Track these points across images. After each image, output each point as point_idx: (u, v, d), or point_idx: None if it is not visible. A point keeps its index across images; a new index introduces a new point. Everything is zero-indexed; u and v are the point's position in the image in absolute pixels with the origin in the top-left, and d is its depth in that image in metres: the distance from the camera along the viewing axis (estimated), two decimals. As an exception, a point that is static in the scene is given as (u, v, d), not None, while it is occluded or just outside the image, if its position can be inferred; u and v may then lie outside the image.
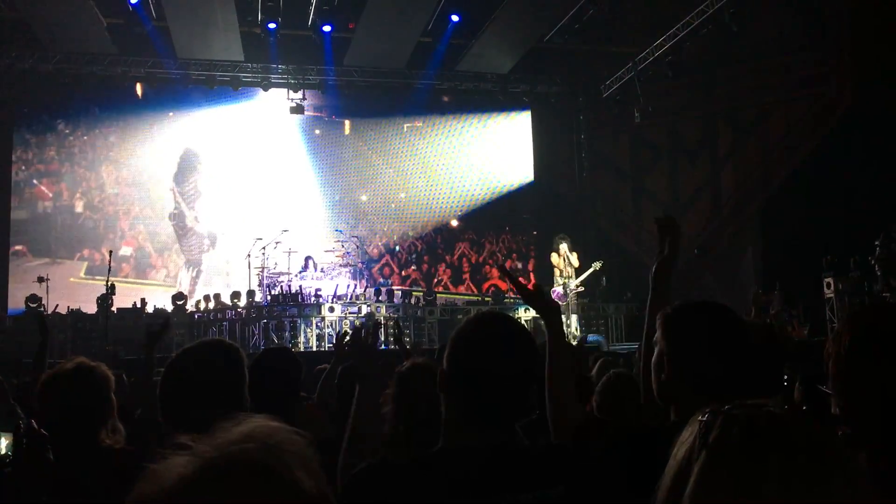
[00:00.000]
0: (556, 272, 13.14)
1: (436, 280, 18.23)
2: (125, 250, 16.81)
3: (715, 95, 16.18)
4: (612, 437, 1.94)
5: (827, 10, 14.19)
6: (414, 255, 18.44)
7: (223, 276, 16.81)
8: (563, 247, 13.24)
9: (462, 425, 1.68)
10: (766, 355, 2.32)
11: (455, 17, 15.44)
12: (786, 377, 2.97)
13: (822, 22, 14.28)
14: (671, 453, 0.98)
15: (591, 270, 13.59)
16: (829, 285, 11.86)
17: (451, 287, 18.33)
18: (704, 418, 0.95)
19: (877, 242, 11.58)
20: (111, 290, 13.00)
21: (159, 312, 14.08)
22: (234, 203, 17.22)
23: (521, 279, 2.53)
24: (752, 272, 15.51)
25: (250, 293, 14.42)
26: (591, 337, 13.27)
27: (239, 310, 14.01)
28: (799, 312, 12.59)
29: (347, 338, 5.00)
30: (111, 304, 13.19)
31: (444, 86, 17.68)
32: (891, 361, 1.18)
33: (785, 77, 15.07)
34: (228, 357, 2.21)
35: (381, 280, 17.42)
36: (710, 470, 0.90)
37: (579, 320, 13.21)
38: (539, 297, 2.31)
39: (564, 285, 12.94)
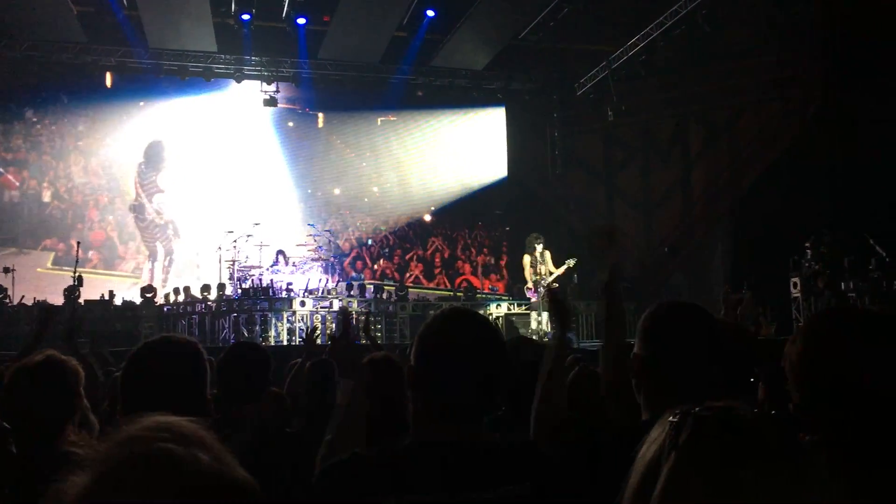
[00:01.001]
0: (529, 272, 13.16)
1: (408, 274, 18.22)
2: (93, 241, 16.59)
3: (687, 96, 16.31)
4: (580, 435, 1.95)
5: (798, 13, 14.36)
6: (386, 250, 18.42)
7: (193, 269, 16.66)
8: (538, 246, 13.28)
9: (430, 421, 1.69)
10: (738, 355, 2.35)
11: (430, 13, 15.41)
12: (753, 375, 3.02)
13: (793, 25, 14.46)
14: (638, 452, 0.99)
15: (564, 267, 13.67)
16: (795, 285, 12.06)
17: (423, 282, 18.33)
18: (674, 419, 0.95)
19: (807, 244, 11.88)
20: (78, 281, 12.83)
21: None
22: (206, 195, 17.06)
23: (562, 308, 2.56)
24: (722, 271, 15.69)
25: (221, 286, 14.30)
26: (561, 334, 13.31)
27: (209, 303, 13.90)
28: (766, 311, 12.79)
29: (317, 332, 5.01)
30: (78, 296, 13.01)
31: (418, 81, 17.63)
32: (845, 366, 1.20)
33: (756, 79, 15.23)
34: (188, 353, 2.20)
35: (353, 274, 17.38)
36: (680, 471, 0.89)
37: (550, 317, 13.24)
38: (565, 309, 2.39)
39: (536, 283, 12.97)
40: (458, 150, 18.84)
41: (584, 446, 1.90)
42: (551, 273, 13.16)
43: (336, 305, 13.59)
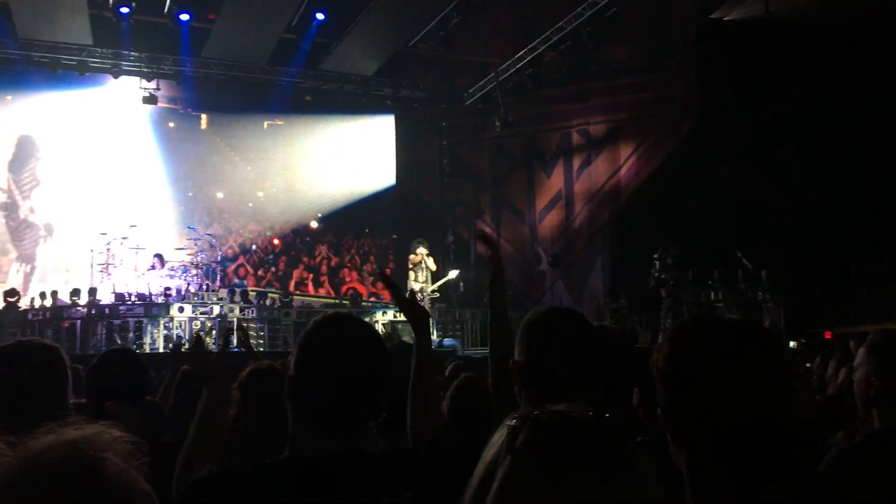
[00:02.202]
0: (412, 275, 13.26)
1: (293, 282, 17.91)
2: (-50, 242, 15.48)
3: (571, 110, 16.82)
4: (462, 443, 1.95)
5: (674, 36, 15.09)
6: (271, 256, 18.04)
7: (62, 273, 15.77)
8: (421, 250, 13.38)
9: (309, 432, 1.63)
10: (616, 361, 2.40)
11: (320, 16, 15.24)
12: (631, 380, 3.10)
13: (670, 47, 15.18)
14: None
15: (446, 279, 13.84)
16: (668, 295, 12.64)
17: (309, 289, 18.06)
18: (512, 423, 0.96)
19: (655, 255, 12.61)
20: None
21: None
22: (78, 195, 16.18)
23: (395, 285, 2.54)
24: (602, 281, 16.23)
25: (92, 291, 13.61)
26: (446, 341, 13.44)
27: (79, 308, 13.20)
28: (642, 319, 13.36)
29: (183, 342, 4.86)
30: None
31: (307, 84, 17.35)
32: (701, 371, 1.24)
33: (635, 96, 15.89)
34: (46, 358, 2.06)
35: (236, 280, 16.90)
36: (514, 474, 0.91)
37: (435, 324, 13.33)
38: (411, 303, 2.34)
39: (422, 290, 13.05)
40: (346, 157, 18.66)
41: (466, 453, 1.89)
42: (433, 275, 13.32)
43: (216, 311, 13.20)
